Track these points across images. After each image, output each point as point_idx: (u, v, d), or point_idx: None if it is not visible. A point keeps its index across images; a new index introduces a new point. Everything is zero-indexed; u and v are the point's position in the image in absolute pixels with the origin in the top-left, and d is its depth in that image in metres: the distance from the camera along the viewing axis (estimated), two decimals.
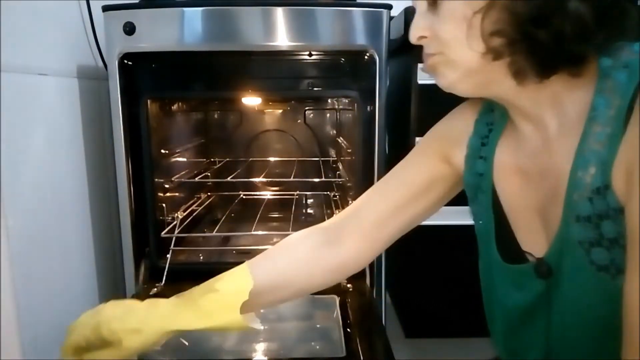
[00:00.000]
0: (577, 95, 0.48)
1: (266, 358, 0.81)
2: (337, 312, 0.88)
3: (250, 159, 1.55)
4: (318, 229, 0.67)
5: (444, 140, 0.64)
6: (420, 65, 1.02)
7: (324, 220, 0.69)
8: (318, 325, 0.93)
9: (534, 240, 0.54)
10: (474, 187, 0.61)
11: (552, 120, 0.50)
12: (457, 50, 0.49)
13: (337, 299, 0.93)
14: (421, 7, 0.52)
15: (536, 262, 0.52)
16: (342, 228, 0.66)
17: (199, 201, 1.41)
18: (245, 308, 0.58)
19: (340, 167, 1.46)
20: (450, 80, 0.51)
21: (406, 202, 0.64)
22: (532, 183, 0.54)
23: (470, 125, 0.61)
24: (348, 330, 0.84)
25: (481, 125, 0.60)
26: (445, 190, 0.65)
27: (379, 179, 1.01)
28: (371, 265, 1.03)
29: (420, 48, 0.57)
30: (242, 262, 0.64)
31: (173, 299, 0.62)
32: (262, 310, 0.70)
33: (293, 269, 0.64)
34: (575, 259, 0.47)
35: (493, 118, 0.60)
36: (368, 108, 1.00)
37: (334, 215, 0.70)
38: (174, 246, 1.08)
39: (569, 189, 0.47)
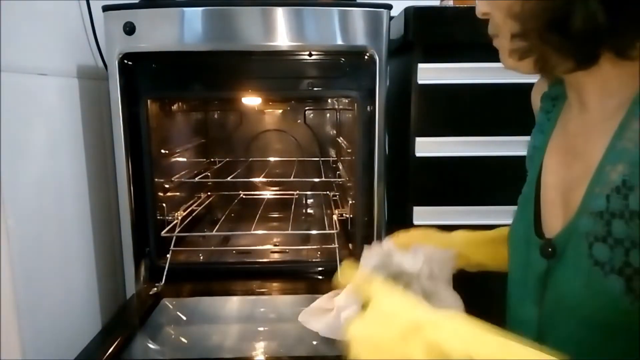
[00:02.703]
0: (624, 80, 0.46)
1: (266, 357, 0.81)
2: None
3: (250, 159, 1.55)
4: None
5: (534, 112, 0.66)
6: (420, 65, 1.02)
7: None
8: None
9: (552, 220, 0.54)
10: (529, 159, 0.62)
11: (596, 104, 0.49)
12: (500, 40, 0.50)
13: None
14: None
15: (544, 241, 0.52)
16: None
17: (199, 201, 1.41)
18: None
19: (340, 167, 1.46)
20: (507, 64, 0.51)
21: None
22: (565, 164, 0.54)
23: (538, 100, 0.63)
24: None
25: (547, 100, 0.61)
26: None
27: (379, 179, 1.02)
28: None
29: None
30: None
31: None
32: (262, 309, 0.70)
33: None
34: (577, 248, 0.47)
35: (558, 92, 0.59)
36: (368, 108, 1.00)
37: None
38: (174, 246, 1.08)
39: (593, 181, 0.47)
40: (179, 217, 1.17)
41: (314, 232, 1.28)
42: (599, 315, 0.44)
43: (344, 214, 1.23)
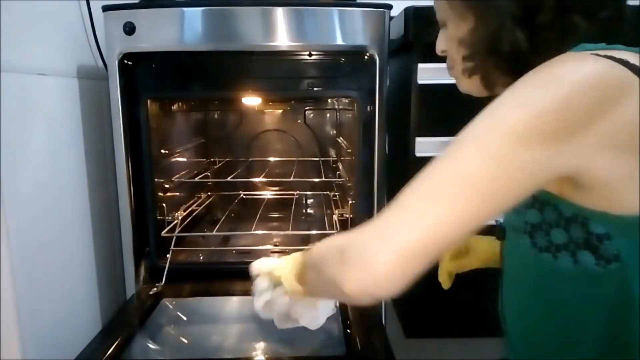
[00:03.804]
0: None
1: (266, 357, 0.81)
2: (337, 311, 0.88)
3: (250, 159, 1.55)
4: None
5: None
6: (420, 65, 1.02)
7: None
8: None
9: None
10: None
11: None
12: (457, 67, 0.60)
13: None
14: (440, 25, 0.63)
15: (498, 225, 0.62)
16: None
17: (199, 201, 1.41)
18: None
19: (340, 167, 1.46)
20: (462, 89, 0.62)
21: None
22: None
23: None
24: (348, 330, 0.84)
25: None
26: None
27: (379, 179, 1.02)
28: None
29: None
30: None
31: None
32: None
33: None
34: (510, 226, 0.58)
35: None
36: (368, 108, 1.00)
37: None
38: (174, 246, 1.08)
39: None
40: (179, 217, 1.17)
41: (314, 232, 1.27)
42: (521, 272, 0.57)
43: (344, 214, 1.23)
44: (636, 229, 0.45)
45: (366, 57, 0.97)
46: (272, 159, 1.57)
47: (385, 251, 0.43)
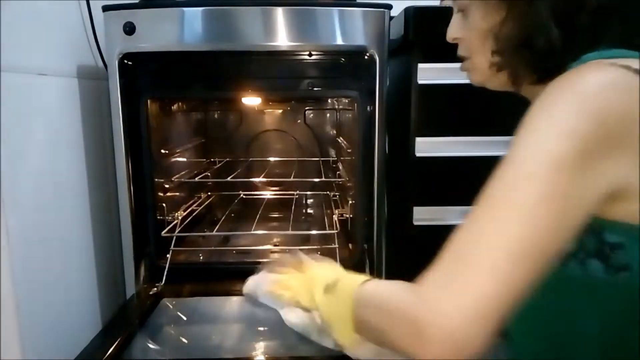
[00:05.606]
0: None
1: (266, 357, 0.81)
2: None
3: (250, 159, 1.55)
4: None
5: None
6: (420, 65, 1.02)
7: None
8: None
9: None
10: None
11: None
12: (477, 58, 0.58)
13: None
14: (455, 10, 0.61)
15: None
16: None
17: (199, 201, 1.41)
18: None
19: (340, 167, 1.46)
20: (477, 81, 0.61)
21: None
22: None
23: None
24: None
25: None
26: None
27: (379, 179, 1.02)
28: (371, 266, 1.03)
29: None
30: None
31: None
32: (262, 309, 0.71)
33: None
34: None
35: None
36: (368, 108, 1.00)
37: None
38: (174, 246, 1.08)
39: None
40: (179, 217, 1.17)
41: (314, 232, 1.27)
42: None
43: (344, 214, 1.23)
44: None
45: (366, 57, 0.97)
46: (272, 159, 1.56)
47: (466, 319, 0.40)
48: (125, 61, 0.97)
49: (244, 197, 1.54)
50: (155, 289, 1.00)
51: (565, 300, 0.52)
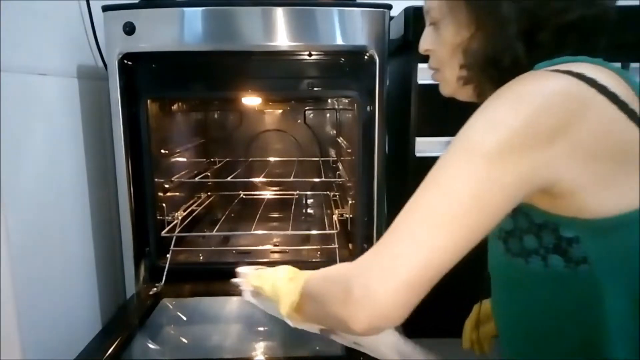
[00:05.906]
0: None
1: (266, 357, 0.81)
2: None
3: (250, 159, 1.55)
4: None
5: None
6: (420, 65, 1.02)
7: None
8: None
9: None
10: None
11: None
12: (447, 71, 0.60)
13: None
14: (427, 22, 0.62)
15: None
16: None
17: (199, 201, 1.41)
18: None
19: (340, 167, 1.46)
20: (447, 92, 0.63)
21: None
22: None
23: None
24: None
25: None
26: None
27: (379, 179, 1.02)
28: None
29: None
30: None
31: None
32: (262, 309, 0.71)
33: None
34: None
35: None
36: (368, 108, 1.00)
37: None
38: (174, 246, 1.08)
39: None
40: (179, 217, 1.17)
41: (314, 232, 1.28)
42: (498, 275, 0.59)
43: (344, 214, 1.23)
44: (603, 231, 0.47)
45: (366, 57, 0.97)
46: (272, 159, 1.57)
47: (391, 286, 0.44)
48: (125, 61, 0.97)
49: (244, 197, 1.54)
50: (155, 289, 1.00)
51: (533, 296, 0.54)
